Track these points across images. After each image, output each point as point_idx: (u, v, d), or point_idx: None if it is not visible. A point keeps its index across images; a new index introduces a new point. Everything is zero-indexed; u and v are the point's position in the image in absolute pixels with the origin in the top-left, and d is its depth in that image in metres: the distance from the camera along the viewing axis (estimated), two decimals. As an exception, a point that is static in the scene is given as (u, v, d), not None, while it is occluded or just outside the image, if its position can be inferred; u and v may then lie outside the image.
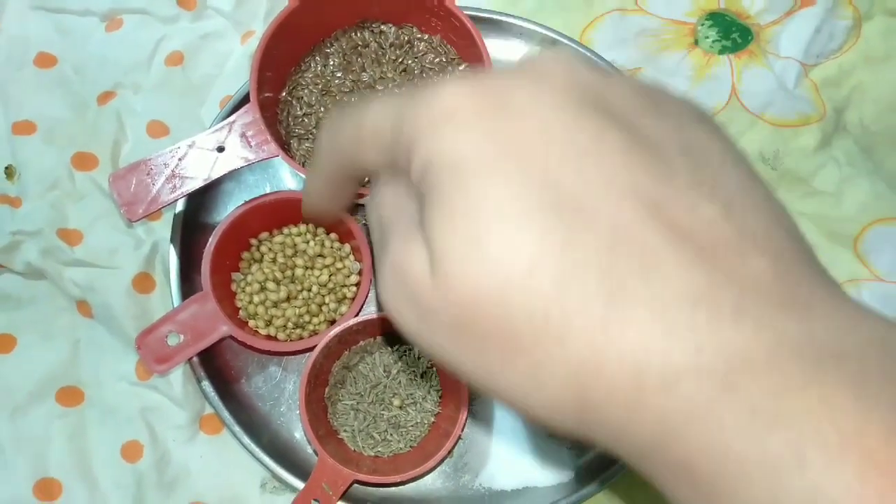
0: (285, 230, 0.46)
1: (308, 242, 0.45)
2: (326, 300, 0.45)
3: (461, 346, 0.19)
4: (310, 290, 0.44)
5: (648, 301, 0.17)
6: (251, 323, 0.44)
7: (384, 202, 0.22)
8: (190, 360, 0.43)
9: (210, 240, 0.43)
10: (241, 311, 0.44)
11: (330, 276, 0.45)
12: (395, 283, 0.20)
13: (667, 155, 0.19)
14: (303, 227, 0.46)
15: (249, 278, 0.45)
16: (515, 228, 0.17)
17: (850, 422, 0.15)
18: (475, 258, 0.18)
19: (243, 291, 0.44)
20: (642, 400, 0.17)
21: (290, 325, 0.44)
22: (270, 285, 0.44)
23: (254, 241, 0.45)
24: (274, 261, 0.45)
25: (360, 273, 0.45)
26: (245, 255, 0.45)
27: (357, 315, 0.43)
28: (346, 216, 0.44)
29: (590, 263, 0.17)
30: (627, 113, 0.19)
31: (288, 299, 0.44)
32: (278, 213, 0.45)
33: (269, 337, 0.44)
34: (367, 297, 0.44)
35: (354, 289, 0.45)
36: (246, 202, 0.44)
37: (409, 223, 0.20)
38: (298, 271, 0.45)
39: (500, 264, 0.17)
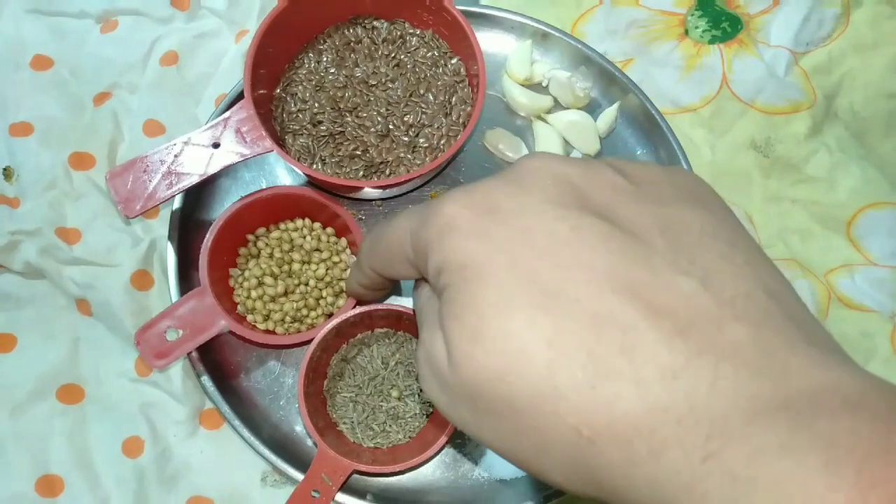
0: (282, 225, 0.46)
1: (305, 237, 0.46)
2: (324, 294, 0.45)
3: (479, 420, 0.22)
4: (307, 285, 0.45)
5: (632, 379, 0.19)
6: (249, 318, 0.44)
7: (420, 296, 0.27)
8: (189, 354, 0.43)
9: (207, 236, 0.43)
10: (239, 307, 0.45)
11: (327, 269, 0.45)
12: (425, 366, 0.24)
13: (645, 236, 0.21)
14: (299, 222, 0.46)
15: (247, 273, 0.45)
16: (508, 322, 0.20)
17: (819, 487, 0.16)
18: (477, 349, 0.21)
19: (241, 287, 0.45)
20: (634, 469, 0.19)
21: (287, 319, 0.44)
22: (268, 280, 0.44)
23: (251, 237, 0.46)
24: (271, 256, 0.45)
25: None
26: (242, 250, 0.46)
27: (354, 308, 0.43)
28: (343, 211, 0.44)
29: (577, 347, 0.19)
30: (606, 201, 0.22)
31: (285, 294, 0.44)
32: (275, 208, 0.45)
33: (267, 331, 0.44)
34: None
35: (351, 282, 0.45)
36: (242, 198, 0.44)
37: (434, 316, 0.24)
38: (295, 266, 0.45)
39: (496, 354, 0.20)
